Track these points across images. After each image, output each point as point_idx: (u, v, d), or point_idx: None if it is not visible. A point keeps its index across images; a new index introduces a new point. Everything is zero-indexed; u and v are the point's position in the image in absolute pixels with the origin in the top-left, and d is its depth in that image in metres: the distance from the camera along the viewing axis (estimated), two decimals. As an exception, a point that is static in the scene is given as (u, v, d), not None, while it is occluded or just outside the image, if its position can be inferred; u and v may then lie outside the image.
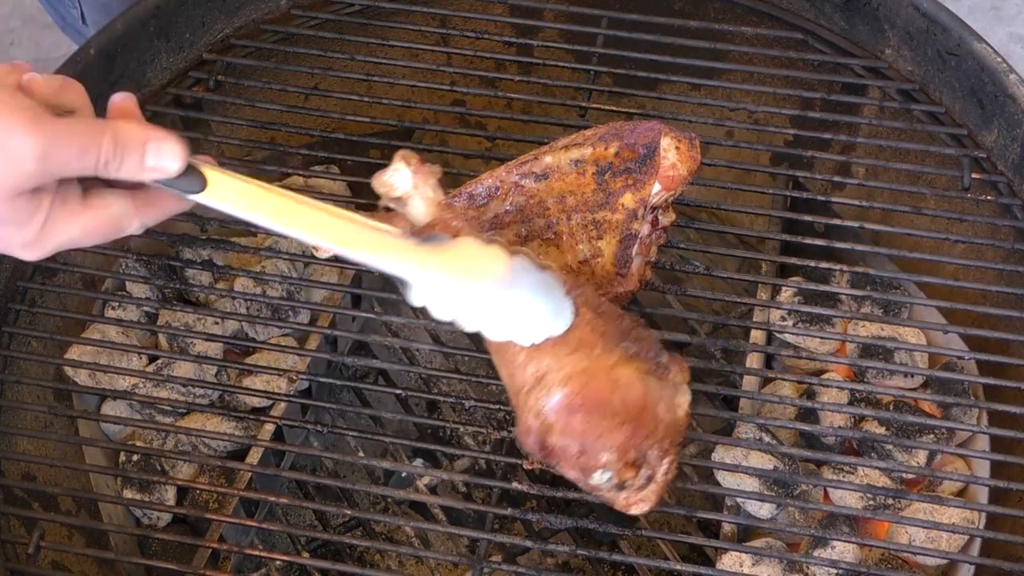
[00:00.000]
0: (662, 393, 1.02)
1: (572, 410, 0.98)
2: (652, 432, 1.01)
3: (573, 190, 1.14)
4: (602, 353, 0.99)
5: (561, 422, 0.98)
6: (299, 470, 1.36)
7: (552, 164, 1.16)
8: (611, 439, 0.99)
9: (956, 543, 1.25)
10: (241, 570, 1.30)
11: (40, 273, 1.34)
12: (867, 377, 1.35)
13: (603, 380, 0.98)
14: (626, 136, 1.15)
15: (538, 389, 0.99)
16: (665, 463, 1.03)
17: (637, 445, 1.00)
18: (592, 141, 1.16)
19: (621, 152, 1.14)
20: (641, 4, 1.47)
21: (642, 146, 1.14)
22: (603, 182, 1.14)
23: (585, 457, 0.99)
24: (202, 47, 1.47)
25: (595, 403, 0.98)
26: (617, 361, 1.00)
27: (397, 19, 1.52)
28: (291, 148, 1.42)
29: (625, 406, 0.99)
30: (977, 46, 1.36)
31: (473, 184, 1.17)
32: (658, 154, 1.13)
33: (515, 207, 1.15)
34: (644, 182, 1.13)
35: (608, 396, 0.98)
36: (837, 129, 1.44)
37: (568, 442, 0.99)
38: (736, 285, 1.46)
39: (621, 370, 0.99)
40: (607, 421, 0.98)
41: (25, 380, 1.30)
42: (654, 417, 1.01)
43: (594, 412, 0.98)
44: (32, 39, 2.23)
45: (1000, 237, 1.32)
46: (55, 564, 1.21)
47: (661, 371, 1.03)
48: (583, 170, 1.15)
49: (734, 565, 1.19)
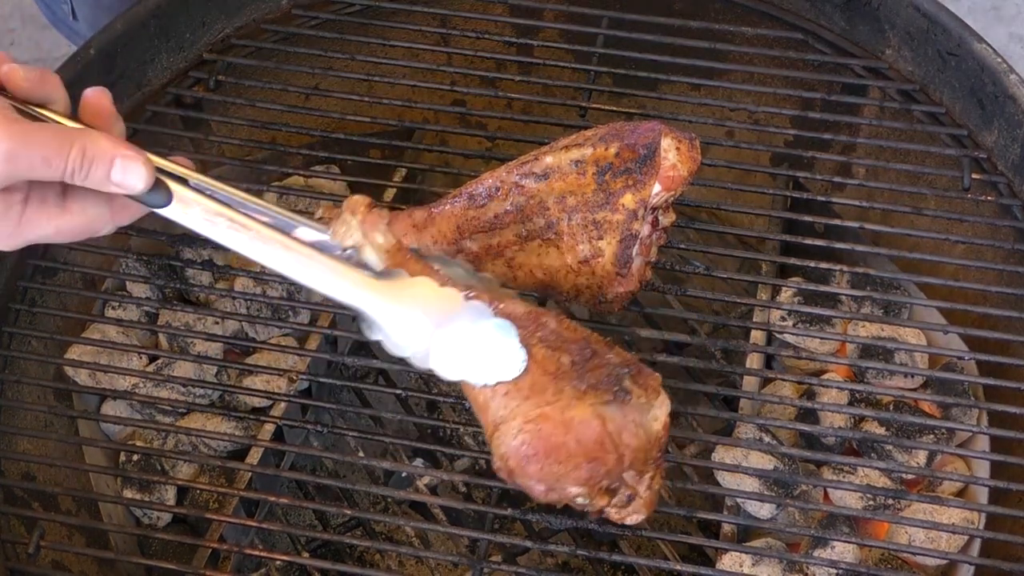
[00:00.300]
0: (625, 420, 1.01)
1: (528, 459, 0.99)
2: (617, 462, 1.01)
3: (573, 190, 1.14)
4: (554, 396, 1.00)
5: (520, 469, 1.00)
6: (299, 470, 1.36)
7: (552, 164, 1.16)
8: (573, 478, 1.00)
9: (956, 543, 1.25)
10: (241, 570, 1.30)
11: (40, 273, 1.34)
12: (867, 377, 1.35)
13: (555, 424, 0.99)
14: (626, 136, 1.15)
15: (497, 436, 1.01)
16: (646, 479, 1.04)
17: (602, 478, 1.01)
18: (592, 141, 1.16)
19: (621, 152, 1.14)
20: (641, 4, 1.47)
21: (642, 146, 1.14)
22: (603, 182, 1.14)
23: (554, 493, 1.01)
24: (202, 47, 1.47)
25: (549, 450, 0.99)
26: (569, 402, 1.00)
27: (397, 19, 1.52)
28: (291, 148, 1.42)
29: (582, 446, 0.99)
30: (977, 46, 1.36)
31: (473, 184, 1.17)
32: (658, 154, 1.13)
33: (515, 207, 1.15)
34: (644, 182, 1.13)
35: (562, 440, 0.99)
36: (837, 129, 1.45)
37: (533, 483, 1.01)
38: (736, 285, 1.46)
39: (574, 411, 1.00)
40: (564, 464, 0.99)
41: (25, 380, 1.30)
42: (617, 447, 1.01)
43: (549, 458, 0.99)
44: (32, 39, 2.23)
45: (1000, 237, 1.32)
46: (55, 564, 1.21)
47: (622, 397, 1.02)
48: (583, 170, 1.15)
49: (734, 565, 1.19)
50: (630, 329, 1.29)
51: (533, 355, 1.01)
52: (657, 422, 1.03)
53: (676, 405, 1.25)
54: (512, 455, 1.00)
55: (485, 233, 1.16)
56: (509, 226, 1.16)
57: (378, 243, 1.06)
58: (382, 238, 1.06)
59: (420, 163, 1.46)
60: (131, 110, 1.45)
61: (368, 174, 1.40)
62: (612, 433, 1.00)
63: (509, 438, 1.00)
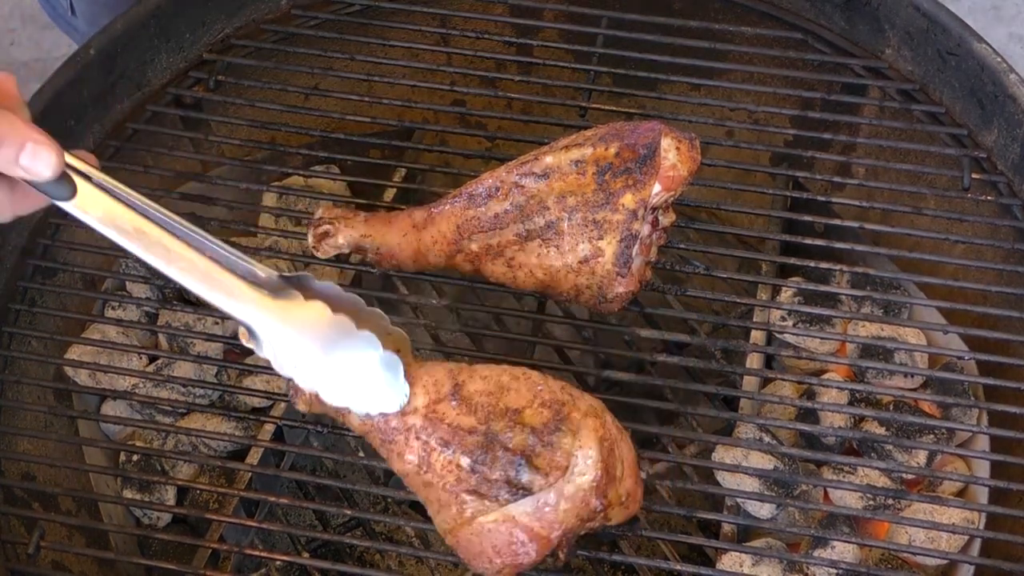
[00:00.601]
0: (538, 507, 1.01)
1: (466, 560, 1.04)
2: (545, 545, 1.02)
3: (573, 190, 1.14)
4: (458, 512, 1.03)
5: (470, 565, 1.05)
6: (299, 470, 1.36)
7: (552, 164, 1.16)
8: (511, 569, 1.03)
9: (956, 543, 1.25)
10: (241, 570, 1.30)
11: (40, 273, 1.34)
12: (867, 377, 1.35)
13: (467, 539, 1.03)
14: (626, 136, 1.15)
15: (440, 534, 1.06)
16: (600, 517, 1.04)
17: (542, 554, 1.03)
18: (592, 141, 1.16)
19: (621, 152, 1.14)
20: (641, 4, 1.47)
21: (642, 146, 1.14)
22: (603, 182, 1.14)
23: (507, 569, 1.04)
24: (202, 47, 1.47)
25: (473, 557, 1.03)
26: (472, 515, 1.02)
27: (397, 19, 1.52)
28: (291, 148, 1.42)
29: (498, 551, 1.02)
30: (977, 46, 1.36)
31: (473, 184, 1.17)
32: (658, 154, 1.13)
33: (515, 207, 1.15)
34: (644, 182, 1.13)
35: (479, 549, 1.03)
36: (837, 129, 1.44)
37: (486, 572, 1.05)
38: (736, 285, 1.46)
39: (476, 522, 1.02)
40: (494, 563, 1.03)
41: (25, 380, 1.30)
42: (539, 535, 1.02)
43: (477, 561, 1.03)
44: (32, 39, 2.24)
45: (1000, 237, 1.32)
46: (55, 564, 1.21)
47: (521, 493, 1.01)
48: (583, 170, 1.15)
49: (734, 565, 1.19)
50: (630, 329, 1.29)
51: (432, 463, 1.03)
52: (584, 477, 1.02)
53: (676, 405, 1.26)
54: (455, 550, 1.05)
55: (485, 233, 1.16)
56: (509, 226, 1.16)
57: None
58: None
59: (420, 163, 1.46)
60: (131, 110, 1.45)
61: (368, 174, 1.40)
62: (527, 526, 1.01)
63: (445, 540, 1.05)
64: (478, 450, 1.03)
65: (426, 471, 1.04)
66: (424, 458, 1.04)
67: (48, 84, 1.39)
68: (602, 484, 1.03)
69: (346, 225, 1.21)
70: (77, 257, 1.37)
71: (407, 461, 1.05)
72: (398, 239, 1.20)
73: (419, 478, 1.04)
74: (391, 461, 1.06)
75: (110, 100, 1.44)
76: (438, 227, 1.17)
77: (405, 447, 1.04)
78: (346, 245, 1.22)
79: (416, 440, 1.04)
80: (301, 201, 1.49)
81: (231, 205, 1.38)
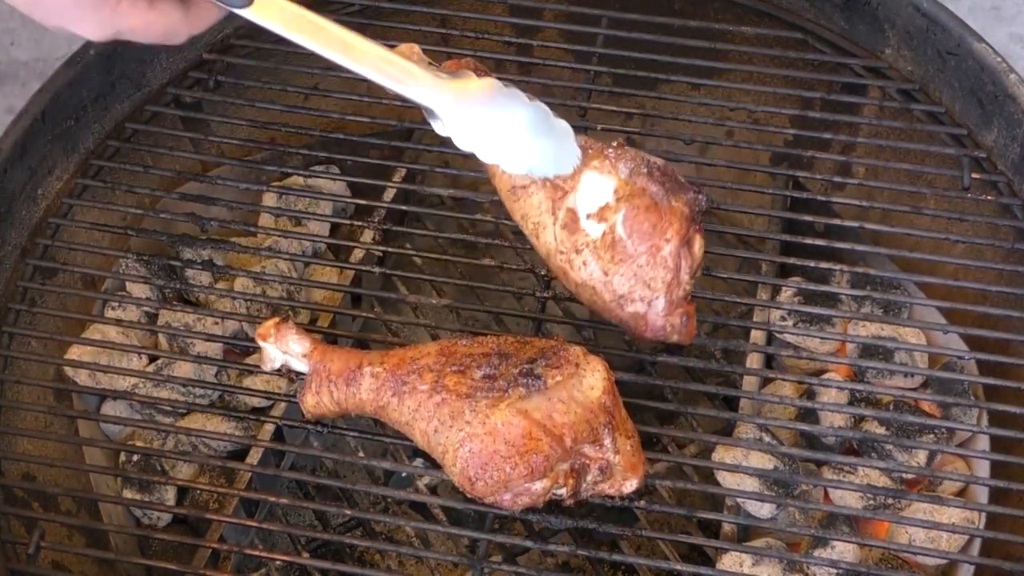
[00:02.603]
0: (550, 403, 1.04)
1: (473, 480, 1.04)
2: (556, 443, 1.03)
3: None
4: (471, 415, 1.04)
5: (474, 490, 1.05)
6: (299, 470, 1.36)
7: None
8: (520, 476, 1.03)
9: (956, 543, 1.25)
10: (241, 570, 1.30)
11: (40, 273, 1.34)
12: (867, 377, 1.35)
13: (481, 439, 1.03)
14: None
15: (447, 470, 1.07)
16: (608, 446, 1.05)
17: (553, 464, 1.03)
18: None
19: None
20: (641, 4, 1.47)
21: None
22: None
23: (521, 497, 1.05)
24: (202, 47, 1.47)
25: (484, 463, 1.03)
26: (486, 414, 1.03)
27: (397, 19, 1.52)
28: (291, 148, 1.42)
29: (511, 446, 1.03)
30: (977, 46, 1.36)
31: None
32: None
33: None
34: None
35: (492, 449, 1.03)
36: (837, 129, 1.44)
37: (496, 497, 1.05)
38: (736, 285, 1.46)
39: (493, 419, 1.03)
40: (503, 470, 1.03)
41: (25, 380, 1.30)
42: (549, 431, 1.03)
43: (487, 471, 1.03)
44: (32, 39, 2.23)
45: (1000, 237, 1.31)
46: (55, 564, 1.21)
47: (537, 385, 1.04)
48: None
49: (734, 565, 1.19)
50: (630, 329, 1.29)
51: (445, 384, 1.06)
52: (594, 390, 1.05)
53: (676, 405, 1.26)
54: (463, 482, 1.05)
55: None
56: None
57: (296, 352, 1.14)
58: (298, 346, 1.14)
59: (420, 163, 1.46)
60: (131, 110, 1.45)
61: (368, 174, 1.40)
62: (539, 421, 1.03)
63: (453, 469, 1.05)
64: (489, 365, 1.06)
65: (439, 391, 1.05)
66: (437, 381, 1.06)
67: (48, 84, 1.39)
68: (609, 403, 1.05)
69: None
70: (77, 257, 1.37)
71: (419, 391, 1.06)
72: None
73: (430, 402, 1.05)
74: (401, 403, 1.07)
75: (110, 100, 1.44)
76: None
77: (418, 380, 1.06)
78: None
79: (429, 372, 1.07)
80: (301, 201, 1.49)
81: (231, 205, 1.38)
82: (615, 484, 1.07)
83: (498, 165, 1.11)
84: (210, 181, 1.45)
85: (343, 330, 1.35)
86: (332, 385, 1.13)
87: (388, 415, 1.10)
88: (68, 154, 1.41)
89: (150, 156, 1.44)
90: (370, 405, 1.11)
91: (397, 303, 1.53)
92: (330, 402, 1.13)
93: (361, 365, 1.11)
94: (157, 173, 1.44)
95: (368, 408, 1.12)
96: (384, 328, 1.47)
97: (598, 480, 1.07)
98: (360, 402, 1.11)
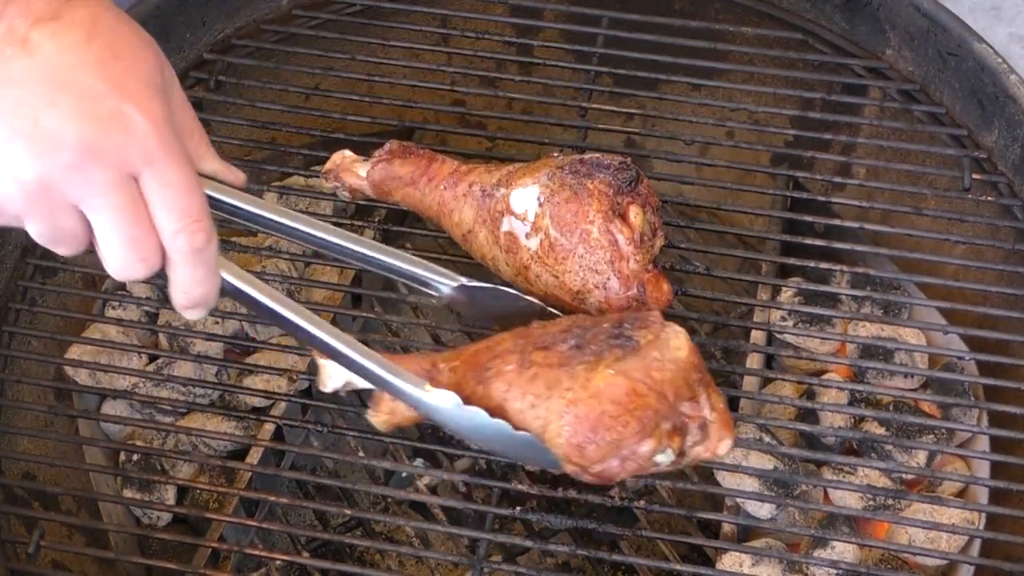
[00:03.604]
0: (646, 362, 1.02)
1: (582, 448, 1.00)
2: (661, 399, 1.01)
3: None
4: (570, 381, 1.02)
5: (583, 459, 1.01)
6: (299, 470, 1.36)
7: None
8: (631, 434, 1.00)
9: (956, 543, 1.25)
10: (241, 570, 1.30)
11: (40, 273, 1.34)
12: (867, 377, 1.35)
13: (586, 402, 1.01)
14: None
15: (549, 443, 1.02)
16: (704, 402, 1.04)
17: (658, 420, 1.01)
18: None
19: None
20: (641, 4, 1.47)
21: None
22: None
23: (629, 462, 1.01)
24: (202, 47, 1.47)
25: (594, 426, 1.00)
26: (586, 377, 1.02)
27: (397, 19, 1.52)
28: (291, 148, 1.42)
29: (619, 404, 1.00)
30: (977, 46, 1.36)
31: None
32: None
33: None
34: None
35: (599, 411, 1.00)
36: (837, 129, 1.44)
37: (605, 465, 1.01)
38: (736, 285, 1.46)
39: (594, 382, 1.01)
40: (613, 429, 1.00)
41: (25, 379, 1.30)
42: (652, 388, 1.01)
43: (599, 433, 1.00)
44: (32, 39, 2.24)
45: (1000, 237, 1.31)
46: (55, 564, 1.21)
47: (631, 346, 1.03)
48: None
49: (734, 565, 1.19)
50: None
51: (533, 360, 1.03)
52: (680, 350, 1.04)
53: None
54: (570, 454, 1.01)
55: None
56: None
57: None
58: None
59: (420, 163, 1.46)
60: (131, 110, 1.45)
61: (368, 174, 1.40)
62: (640, 379, 1.01)
63: (558, 441, 1.01)
64: (573, 336, 1.04)
65: (528, 367, 1.03)
66: (523, 359, 1.03)
67: (48, 84, 1.39)
68: (698, 360, 1.04)
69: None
70: (77, 256, 1.37)
71: (506, 371, 1.04)
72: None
73: (521, 379, 1.03)
74: (488, 389, 1.05)
75: (110, 100, 1.44)
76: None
77: (502, 363, 1.05)
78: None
79: (511, 354, 1.04)
80: (301, 201, 1.49)
81: (231, 205, 1.38)
82: (709, 446, 1.05)
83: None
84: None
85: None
86: None
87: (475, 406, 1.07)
88: (68, 154, 1.41)
89: (150, 156, 1.44)
90: None
91: (397, 303, 1.53)
92: (406, 409, 1.10)
93: (435, 363, 1.08)
94: (157, 173, 1.44)
95: None
96: (384, 328, 1.47)
97: (696, 440, 1.05)
98: None
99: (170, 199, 0.86)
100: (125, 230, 0.85)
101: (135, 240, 0.86)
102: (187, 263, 0.88)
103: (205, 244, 0.88)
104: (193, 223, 0.87)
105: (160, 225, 0.86)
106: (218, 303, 0.94)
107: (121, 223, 0.85)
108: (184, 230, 0.87)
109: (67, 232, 0.87)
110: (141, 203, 0.86)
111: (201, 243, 0.87)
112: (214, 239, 0.89)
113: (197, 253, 0.88)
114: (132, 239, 0.86)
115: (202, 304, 0.92)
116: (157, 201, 0.86)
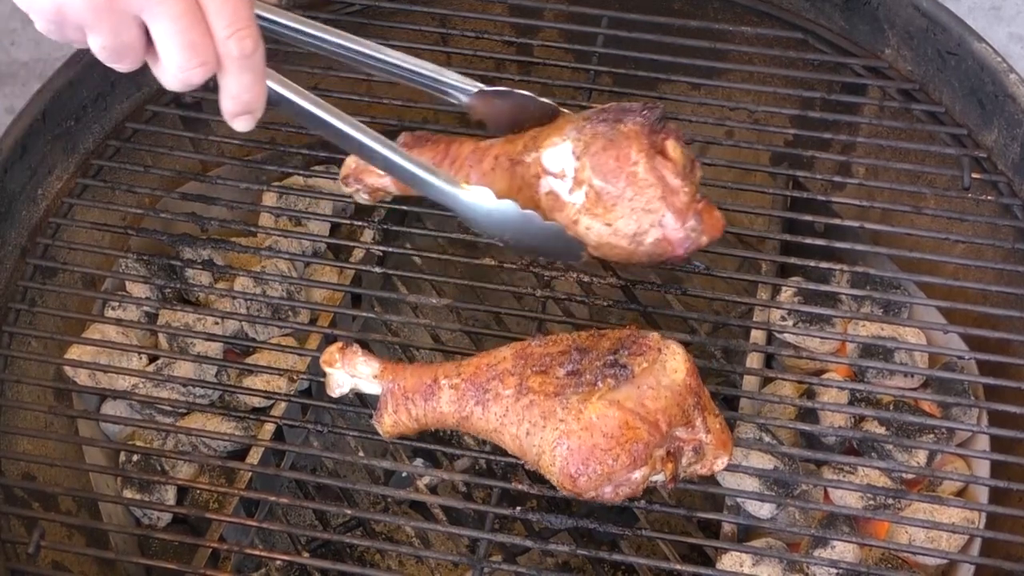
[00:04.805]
0: (640, 392, 1.04)
1: (574, 477, 1.04)
2: (653, 430, 1.02)
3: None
4: (564, 412, 1.04)
5: (575, 486, 1.04)
6: (299, 470, 1.36)
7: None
8: (622, 466, 1.03)
9: (956, 543, 1.25)
10: (241, 570, 1.30)
11: (40, 273, 1.34)
12: (867, 377, 1.35)
13: (578, 435, 1.03)
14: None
15: (544, 471, 1.06)
16: (699, 425, 1.06)
17: (650, 450, 1.02)
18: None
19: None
20: (641, 4, 1.47)
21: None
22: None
23: (622, 487, 1.04)
24: (202, 47, 1.47)
25: (585, 458, 1.03)
26: (579, 409, 1.03)
27: (397, 19, 1.52)
28: (291, 148, 1.42)
29: (610, 437, 1.03)
30: (977, 46, 1.36)
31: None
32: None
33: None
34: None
35: (591, 443, 1.03)
36: (837, 129, 1.44)
37: (598, 491, 1.04)
38: (736, 285, 1.46)
39: (587, 413, 1.03)
40: (606, 464, 1.03)
41: (25, 380, 1.30)
42: (645, 418, 1.03)
43: (589, 465, 1.03)
44: (32, 39, 2.23)
45: (1000, 237, 1.31)
46: (55, 564, 1.21)
47: (624, 375, 1.04)
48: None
49: (734, 565, 1.19)
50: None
51: (530, 387, 1.06)
52: (678, 373, 1.05)
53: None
54: (563, 480, 1.04)
55: None
56: None
57: (366, 374, 1.13)
58: (367, 368, 1.13)
59: (420, 163, 1.46)
60: (131, 110, 1.45)
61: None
62: (633, 410, 1.03)
63: (552, 470, 1.05)
64: (571, 361, 1.05)
65: (524, 394, 1.05)
66: (521, 384, 1.05)
67: (48, 84, 1.39)
68: (694, 384, 1.05)
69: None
70: (77, 257, 1.37)
71: (504, 396, 1.06)
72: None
73: (518, 406, 1.05)
74: (486, 411, 1.07)
75: (110, 100, 1.44)
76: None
77: (500, 385, 1.06)
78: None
79: (510, 376, 1.07)
80: (301, 201, 1.48)
81: (231, 205, 1.38)
82: (706, 464, 1.08)
83: None
84: (210, 181, 1.45)
85: (343, 330, 1.35)
86: (409, 403, 1.12)
87: (472, 425, 1.10)
88: (68, 154, 1.41)
89: (150, 156, 1.44)
90: (452, 418, 1.10)
91: (397, 303, 1.53)
92: (409, 420, 1.12)
93: (437, 379, 1.10)
94: (157, 173, 1.44)
95: (450, 420, 1.11)
96: (384, 328, 1.47)
97: (692, 461, 1.07)
98: (441, 415, 1.11)
99: (221, 5, 0.91)
100: (185, 34, 0.90)
101: (193, 44, 0.91)
102: (237, 68, 0.94)
103: (253, 50, 0.94)
104: (243, 28, 0.92)
105: (213, 30, 0.92)
106: (264, 112, 1.02)
107: (181, 28, 0.90)
108: (235, 35, 0.92)
109: (128, 44, 0.93)
110: (198, 10, 0.91)
111: (249, 49, 0.93)
112: (261, 46, 0.95)
113: (245, 59, 0.94)
114: (191, 43, 0.91)
115: (250, 110, 1.01)
116: (211, 8, 0.91)
